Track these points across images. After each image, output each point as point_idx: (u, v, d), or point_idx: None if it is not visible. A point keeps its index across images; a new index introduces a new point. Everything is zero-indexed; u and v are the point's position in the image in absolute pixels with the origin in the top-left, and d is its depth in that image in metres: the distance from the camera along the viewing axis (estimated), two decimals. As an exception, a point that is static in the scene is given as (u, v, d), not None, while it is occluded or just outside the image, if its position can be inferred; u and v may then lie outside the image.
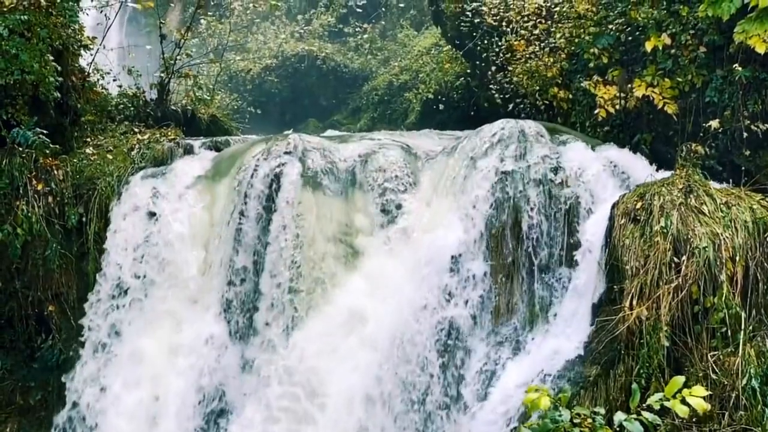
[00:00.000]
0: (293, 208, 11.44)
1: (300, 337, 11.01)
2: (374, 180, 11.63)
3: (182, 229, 11.93)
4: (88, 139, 13.30)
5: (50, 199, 11.86)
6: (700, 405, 5.38)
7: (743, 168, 10.97)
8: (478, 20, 16.50)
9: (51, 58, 11.96)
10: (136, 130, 13.94)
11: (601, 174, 10.89)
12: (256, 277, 11.46)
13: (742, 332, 8.80)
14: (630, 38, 12.57)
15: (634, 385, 6.10)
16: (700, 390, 5.50)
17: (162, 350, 11.49)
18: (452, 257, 10.74)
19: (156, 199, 12.09)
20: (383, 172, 11.68)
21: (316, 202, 11.56)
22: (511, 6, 15.64)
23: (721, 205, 9.54)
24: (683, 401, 5.48)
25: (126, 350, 11.59)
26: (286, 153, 11.94)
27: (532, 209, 10.66)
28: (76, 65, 13.55)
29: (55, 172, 12.04)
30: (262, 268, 11.44)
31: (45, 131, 11.89)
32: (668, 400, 5.53)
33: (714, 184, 10.10)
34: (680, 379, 5.53)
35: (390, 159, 11.85)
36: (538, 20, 14.77)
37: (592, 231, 10.33)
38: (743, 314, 8.89)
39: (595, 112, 12.41)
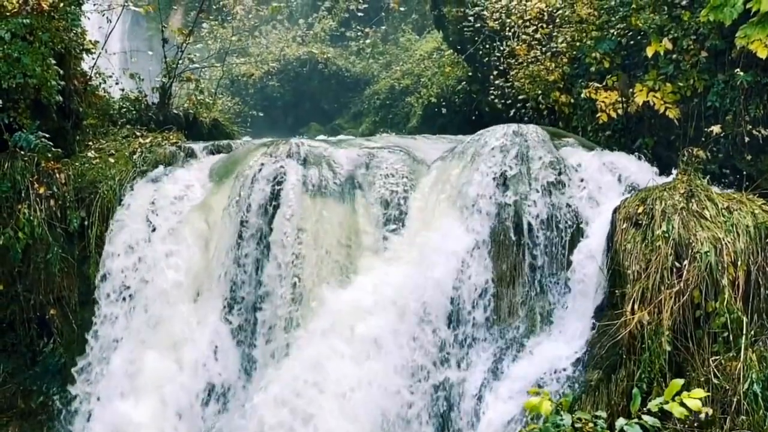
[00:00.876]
0: (289, 251, 11.04)
1: (260, 399, 10.49)
2: (377, 221, 11.28)
3: (178, 277, 11.58)
4: (90, 143, 13.29)
5: (52, 202, 11.86)
6: (696, 405, 5.40)
7: (745, 172, 10.97)
8: (480, 25, 16.53)
9: (53, 61, 11.96)
10: (138, 133, 13.91)
11: (603, 178, 10.89)
12: (254, 338, 11.21)
13: (743, 337, 8.79)
14: (632, 42, 12.58)
15: (635, 390, 6.11)
16: (698, 392, 5.51)
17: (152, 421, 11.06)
18: (451, 299, 10.58)
19: (149, 233, 11.84)
20: (386, 206, 11.36)
21: (315, 242, 11.16)
22: (513, 11, 15.65)
23: (723, 210, 9.53)
24: (682, 404, 5.49)
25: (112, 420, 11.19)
26: (279, 178, 11.57)
27: (533, 217, 10.64)
28: (78, 69, 13.57)
29: (57, 175, 12.04)
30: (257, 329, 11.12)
31: (47, 135, 11.88)
32: (668, 403, 5.53)
33: (715, 189, 10.09)
34: (679, 382, 5.53)
35: (392, 188, 11.49)
36: (540, 25, 14.79)
37: (594, 236, 10.32)
38: (745, 319, 8.88)
39: (597, 116, 12.41)
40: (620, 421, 5.67)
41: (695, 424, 8.44)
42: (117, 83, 15.75)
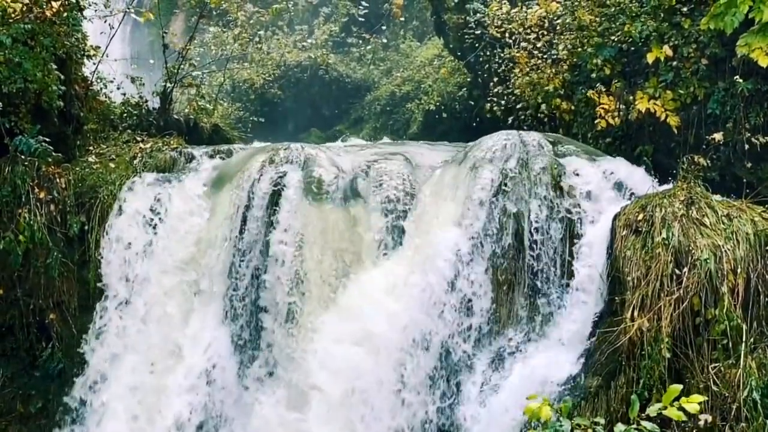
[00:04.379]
0: (289, 258, 11.08)
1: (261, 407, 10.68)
2: (377, 227, 11.26)
3: (177, 282, 11.65)
4: (91, 148, 13.30)
5: (52, 207, 11.85)
6: (695, 409, 5.41)
7: (745, 180, 10.98)
8: (481, 32, 16.56)
9: (54, 66, 11.97)
10: (139, 138, 13.90)
11: (603, 185, 10.89)
12: (254, 344, 11.22)
13: (743, 344, 8.79)
14: (632, 49, 12.60)
15: (633, 396, 6.10)
16: (696, 397, 5.51)
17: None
18: (450, 306, 10.58)
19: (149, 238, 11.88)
20: (386, 212, 11.33)
21: (315, 248, 11.23)
22: (514, 18, 15.67)
23: (723, 217, 9.54)
24: (680, 409, 5.49)
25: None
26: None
27: (533, 223, 10.63)
28: (80, 74, 13.58)
29: (58, 180, 12.04)
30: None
31: (48, 139, 11.88)
32: (666, 408, 5.53)
33: (715, 197, 10.10)
34: (677, 387, 5.53)
35: (392, 194, 11.43)
36: (541, 32, 14.81)
37: (594, 242, 10.32)
38: (744, 326, 8.88)
39: (596, 122, 12.43)
40: (619, 427, 5.66)
41: (694, 431, 8.43)
42: (118, 88, 15.77)
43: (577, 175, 10.94)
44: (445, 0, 18.29)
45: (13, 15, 11.44)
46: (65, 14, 12.37)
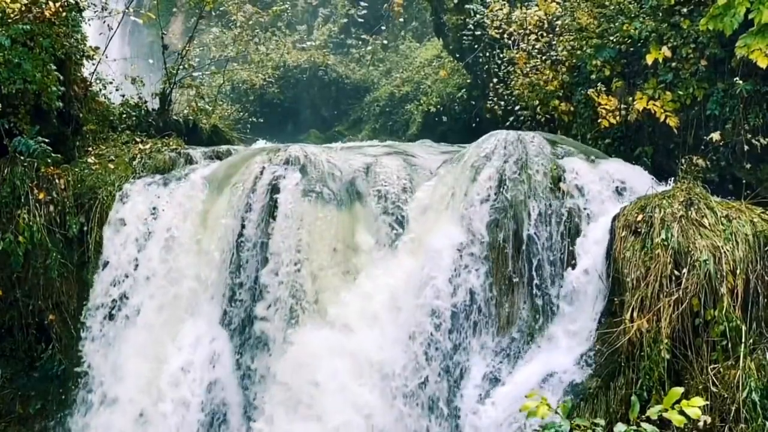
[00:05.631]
0: (287, 259, 11.04)
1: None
2: (376, 227, 11.27)
3: (175, 283, 11.57)
4: (90, 149, 13.29)
5: (51, 208, 11.86)
6: (696, 413, 5.40)
7: (744, 181, 10.98)
8: (480, 33, 16.56)
9: (53, 67, 11.98)
10: (138, 139, 13.91)
11: (602, 186, 10.88)
12: (252, 345, 11.21)
13: (742, 345, 8.79)
14: (631, 50, 12.60)
15: (634, 397, 6.10)
16: (697, 400, 5.51)
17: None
18: (449, 306, 10.51)
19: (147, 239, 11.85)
20: (385, 213, 11.34)
21: (313, 249, 11.20)
22: (514, 19, 15.68)
23: (722, 218, 9.54)
24: (681, 412, 5.48)
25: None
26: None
27: (532, 224, 10.60)
28: (79, 75, 13.59)
29: (57, 181, 12.04)
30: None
31: (47, 140, 11.89)
32: (667, 410, 5.53)
33: (715, 198, 10.10)
34: (679, 390, 5.53)
35: (391, 195, 11.45)
36: (540, 33, 14.81)
37: (593, 243, 10.31)
38: (744, 327, 8.88)
39: (598, 121, 12.42)
40: (618, 427, 5.66)
41: (693, 432, 8.43)
42: (117, 89, 15.77)
43: (576, 175, 10.93)
44: (445, 1, 18.31)
45: (12, 15, 11.45)
46: (64, 15, 12.36)
